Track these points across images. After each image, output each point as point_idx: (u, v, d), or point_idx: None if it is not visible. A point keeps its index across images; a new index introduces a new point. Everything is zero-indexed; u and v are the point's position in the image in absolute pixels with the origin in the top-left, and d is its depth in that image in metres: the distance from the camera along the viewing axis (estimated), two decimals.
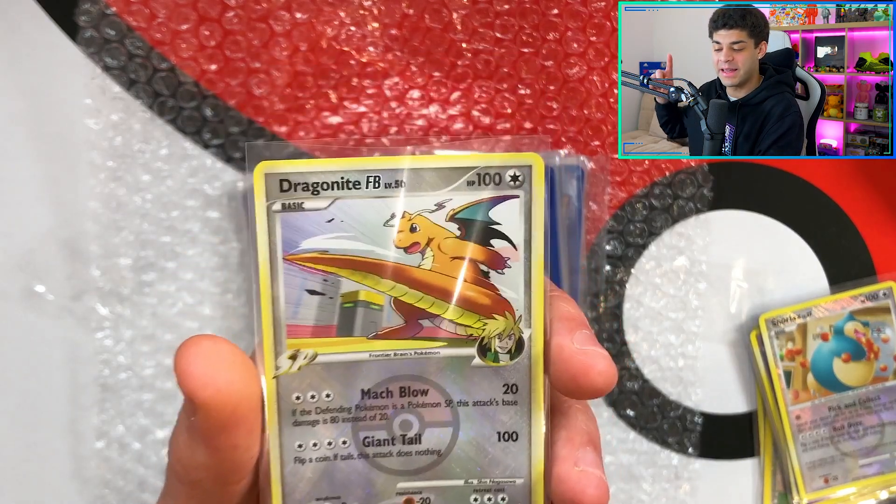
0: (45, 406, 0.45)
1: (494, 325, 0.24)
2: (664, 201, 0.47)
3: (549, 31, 0.45)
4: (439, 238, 0.24)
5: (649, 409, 0.48)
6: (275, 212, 0.23)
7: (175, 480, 0.24)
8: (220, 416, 0.22)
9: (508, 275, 0.24)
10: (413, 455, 0.25)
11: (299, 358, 0.24)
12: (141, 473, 0.46)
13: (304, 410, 0.24)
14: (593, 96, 0.45)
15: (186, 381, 0.22)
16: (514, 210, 0.24)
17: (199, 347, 0.22)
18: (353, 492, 0.25)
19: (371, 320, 0.24)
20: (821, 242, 0.48)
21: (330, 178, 0.23)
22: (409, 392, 0.24)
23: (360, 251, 0.24)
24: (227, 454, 0.23)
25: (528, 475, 0.25)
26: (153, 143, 0.44)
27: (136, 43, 0.43)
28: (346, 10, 0.44)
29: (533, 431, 0.25)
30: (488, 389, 0.24)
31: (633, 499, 0.48)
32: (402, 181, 0.24)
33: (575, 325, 0.24)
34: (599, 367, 0.23)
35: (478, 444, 0.25)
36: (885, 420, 0.48)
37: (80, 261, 0.45)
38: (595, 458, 0.24)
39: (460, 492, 0.25)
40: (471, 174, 0.24)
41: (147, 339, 0.45)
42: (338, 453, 0.24)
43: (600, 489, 0.23)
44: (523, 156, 0.24)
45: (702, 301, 0.47)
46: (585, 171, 0.45)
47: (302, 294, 0.24)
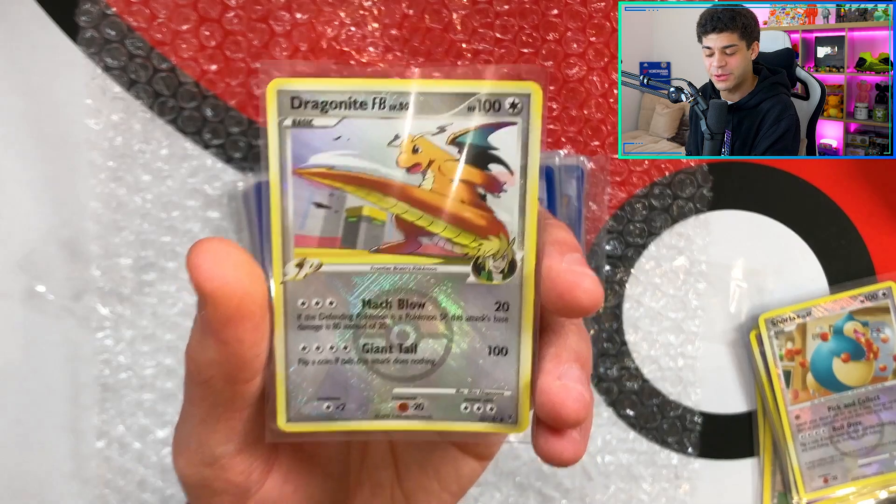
0: (46, 406, 0.45)
1: (489, 246, 0.25)
2: (664, 201, 0.47)
3: (549, 32, 0.45)
4: (440, 160, 0.25)
5: (649, 408, 0.48)
6: (285, 127, 0.25)
7: (190, 384, 0.26)
8: (226, 308, 0.23)
9: (504, 198, 0.25)
10: (409, 363, 0.26)
11: (305, 266, 0.25)
12: (141, 473, 0.46)
13: (309, 315, 0.25)
14: (593, 96, 0.45)
15: (196, 273, 0.23)
16: (512, 136, 0.25)
17: (210, 245, 0.24)
18: (353, 394, 0.26)
19: (373, 234, 0.25)
20: (820, 242, 0.48)
21: (338, 98, 0.24)
22: (407, 304, 0.26)
23: (364, 169, 0.25)
24: (234, 347, 0.24)
25: (516, 388, 0.26)
26: (153, 144, 0.44)
27: (137, 43, 0.43)
28: (346, 11, 0.44)
29: (522, 347, 0.26)
30: (481, 306, 0.26)
31: (632, 499, 0.48)
32: (407, 104, 0.25)
33: (566, 249, 0.25)
34: (585, 285, 0.24)
35: (469, 356, 0.26)
36: (885, 420, 0.48)
37: (80, 261, 0.45)
38: (579, 374, 0.25)
39: (451, 399, 0.26)
40: (472, 100, 0.25)
41: (147, 338, 0.45)
42: (339, 357, 0.26)
43: (579, 402, 0.24)
44: (523, 84, 0.25)
45: (701, 301, 0.48)
46: (585, 171, 0.45)
47: (309, 206, 0.25)
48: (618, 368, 0.48)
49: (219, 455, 0.26)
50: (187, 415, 0.27)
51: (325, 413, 0.26)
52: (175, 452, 0.27)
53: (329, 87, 0.24)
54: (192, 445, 0.27)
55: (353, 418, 0.26)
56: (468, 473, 0.30)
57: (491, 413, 0.26)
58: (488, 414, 0.26)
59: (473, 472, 0.31)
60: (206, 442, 0.26)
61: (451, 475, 0.30)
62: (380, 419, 0.26)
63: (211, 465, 0.27)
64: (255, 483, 0.28)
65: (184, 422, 0.27)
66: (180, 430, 0.27)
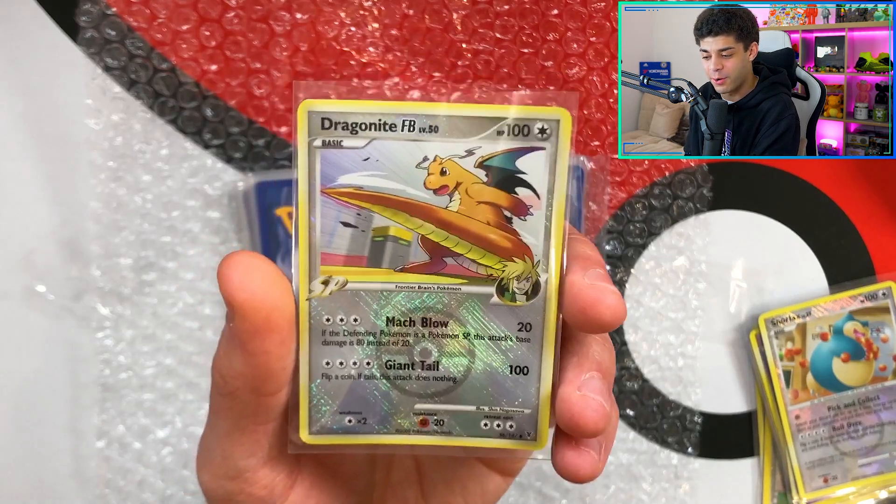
0: (46, 406, 0.45)
1: (514, 268, 0.26)
2: (664, 201, 0.47)
3: (549, 32, 0.45)
4: (467, 182, 0.25)
5: (649, 408, 0.48)
6: (315, 147, 0.25)
7: (216, 396, 0.26)
8: (254, 320, 0.24)
9: (530, 221, 0.26)
10: (431, 380, 0.26)
11: (331, 283, 0.26)
12: (141, 473, 0.46)
13: (333, 332, 0.26)
14: (593, 96, 0.45)
15: (226, 285, 0.24)
16: (540, 161, 0.25)
17: (240, 257, 0.24)
18: (374, 408, 0.27)
19: (399, 254, 0.26)
20: (820, 242, 0.48)
21: (368, 120, 0.25)
22: (431, 323, 0.26)
23: (392, 189, 0.25)
24: (261, 359, 0.24)
25: (536, 406, 0.26)
26: (154, 144, 0.44)
27: (137, 43, 0.43)
28: (346, 11, 0.44)
29: (543, 367, 0.26)
30: (504, 326, 0.26)
31: (632, 498, 0.48)
32: (436, 126, 0.25)
33: (589, 264, 0.26)
34: (608, 301, 0.24)
35: (490, 375, 0.26)
36: (885, 420, 0.48)
37: (80, 261, 0.45)
38: (600, 385, 0.25)
39: (472, 416, 0.27)
40: (501, 125, 0.25)
41: (147, 338, 0.45)
42: (362, 373, 0.26)
43: (598, 413, 0.25)
44: (552, 110, 0.25)
45: (701, 301, 0.48)
46: (585, 171, 0.45)
47: (336, 225, 0.25)
48: (618, 368, 0.48)
49: (243, 468, 0.27)
50: (212, 427, 0.27)
51: (347, 427, 0.27)
52: (199, 465, 0.28)
53: (359, 109, 0.25)
54: (216, 458, 0.27)
55: (374, 432, 0.27)
56: (493, 490, 0.31)
57: (511, 430, 0.27)
58: (508, 431, 0.27)
59: (498, 488, 0.31)
60: (231, 455, 0.26)
61: (476, 492, 0.30)
62: (401, 434, 0.27)
63: (235, 478, 0.27)
64: (278, 497, 0.28)
65: (208, 434, 0.27)
66: (205, 443, 0.27)
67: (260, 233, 0.44)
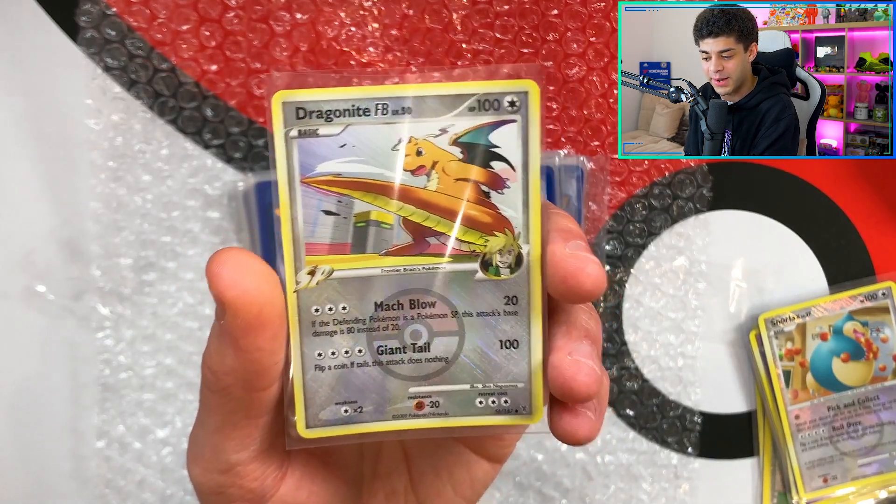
0: (46, 406, 0.45)
1: (495, 242, 0.26)
2: (664, 201, 0.47)
3: (549, 32, 0.45)
4: (443, 161, 0.25)
5: (649, 408, 0.48)
6: (292, 138, 0.25)
7: (207, 392, 0.26)
8: (246, 317, 0.24)
9: (507, 194, 0.26)
10: (423, 362, 0.26)
11: (317, 273, 0.26)
12: (141, 473, 0.46)
13: (323, 322, 0.26)
14: (593, 96, 0.45)
15: (216, 283, 0.24)
16: (513, 133, 0.25)
17: (229, 255, 0.24)
18: (369, 396, 0.26)
19: (382, 238, 0.26)
20: (820, 242, 0.48)
21: (342, 106, 0.25)
22: (419, 304, 0.26)
23: (370, 174, 0.25)
24: (253, 356, 0.24)
25: (528, 378, 0.27)
26: (154, 144, 0.44)
27: (137, 43, 0.43)
28: (346, 11, 0.44)
29: (532, 338, 0.26)
30: (490, 301, 0.26)
31: (632, 498, 0.48)
32: (409, 108, 0.25)
33: (570, 236, 0.26)
34: (588, 269, 0.25)
35: (482, 351, 0.26)
36: (884, 420, 0.48)
37: (80, 261, 0.45)
38: (590, 350, 0.26)
39: (466, 395, 0.27)
40: (471, 101, 0.25)
41: (147, 338, 0.45)
42: (354, 361, 0.26)
43: (590, 377, 0.25)
44: (520, 82, 0.25)
45: (701, 301, 0.48)
46: (585, 171, 0.45)
47: (318, 214, 0.25)
48: (618, 368, 0.48)
49: (234, 462, 0.27)
50: (203, 423, 0.27)
51: (343, 417, 0.26)
52: (190, 460, 0.28)
53: (333, 96, 0.25)
54: (207, 453, 0.27)
55: (371, 420, 0.27)
56: (482, 477, 0.31)
57: (506, 406, 0.27)
58: (503, 407, 0.27)
59: (487, 475, 0.31)
60: (222, 449, 0.26)
61: (464, 478, 0.30)
62: (397, 419, 0.27)
63: (226, 471, 0.27)
64: (269, 489, 0.28)
65: (199, 430, 0.27)
66: (195, 438, 0.27)
67: (260, 233, 0.44)
